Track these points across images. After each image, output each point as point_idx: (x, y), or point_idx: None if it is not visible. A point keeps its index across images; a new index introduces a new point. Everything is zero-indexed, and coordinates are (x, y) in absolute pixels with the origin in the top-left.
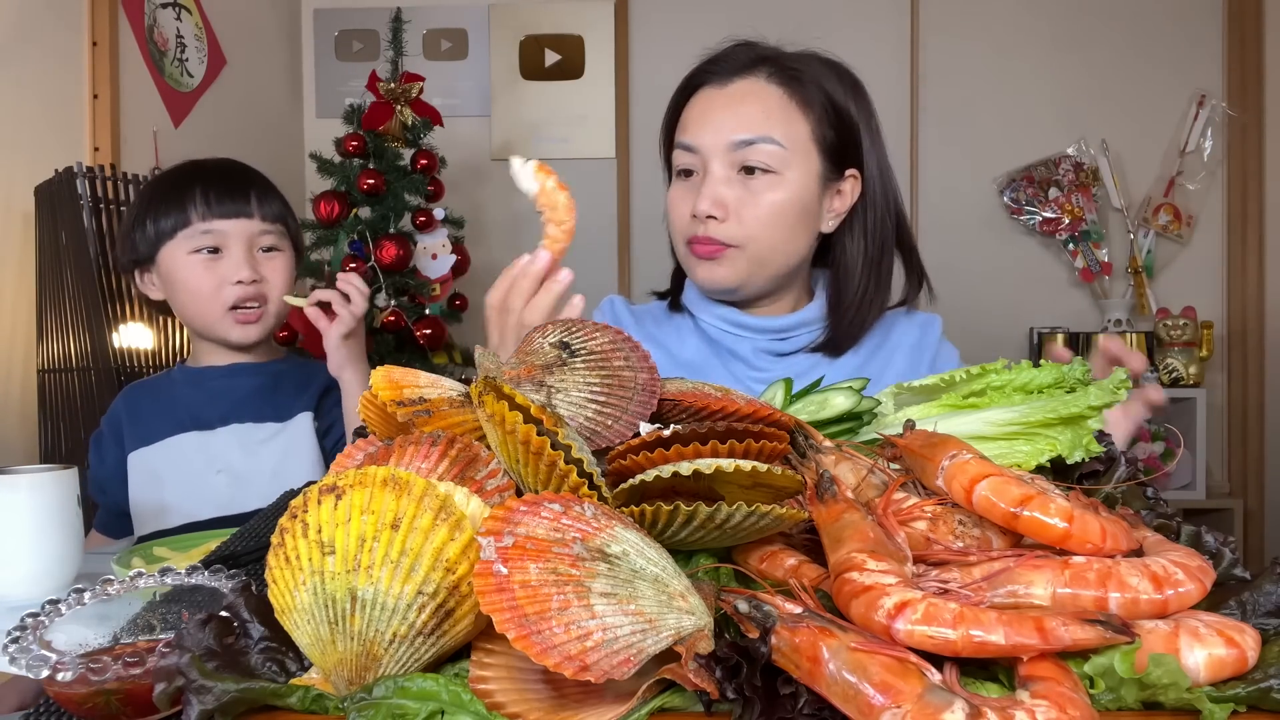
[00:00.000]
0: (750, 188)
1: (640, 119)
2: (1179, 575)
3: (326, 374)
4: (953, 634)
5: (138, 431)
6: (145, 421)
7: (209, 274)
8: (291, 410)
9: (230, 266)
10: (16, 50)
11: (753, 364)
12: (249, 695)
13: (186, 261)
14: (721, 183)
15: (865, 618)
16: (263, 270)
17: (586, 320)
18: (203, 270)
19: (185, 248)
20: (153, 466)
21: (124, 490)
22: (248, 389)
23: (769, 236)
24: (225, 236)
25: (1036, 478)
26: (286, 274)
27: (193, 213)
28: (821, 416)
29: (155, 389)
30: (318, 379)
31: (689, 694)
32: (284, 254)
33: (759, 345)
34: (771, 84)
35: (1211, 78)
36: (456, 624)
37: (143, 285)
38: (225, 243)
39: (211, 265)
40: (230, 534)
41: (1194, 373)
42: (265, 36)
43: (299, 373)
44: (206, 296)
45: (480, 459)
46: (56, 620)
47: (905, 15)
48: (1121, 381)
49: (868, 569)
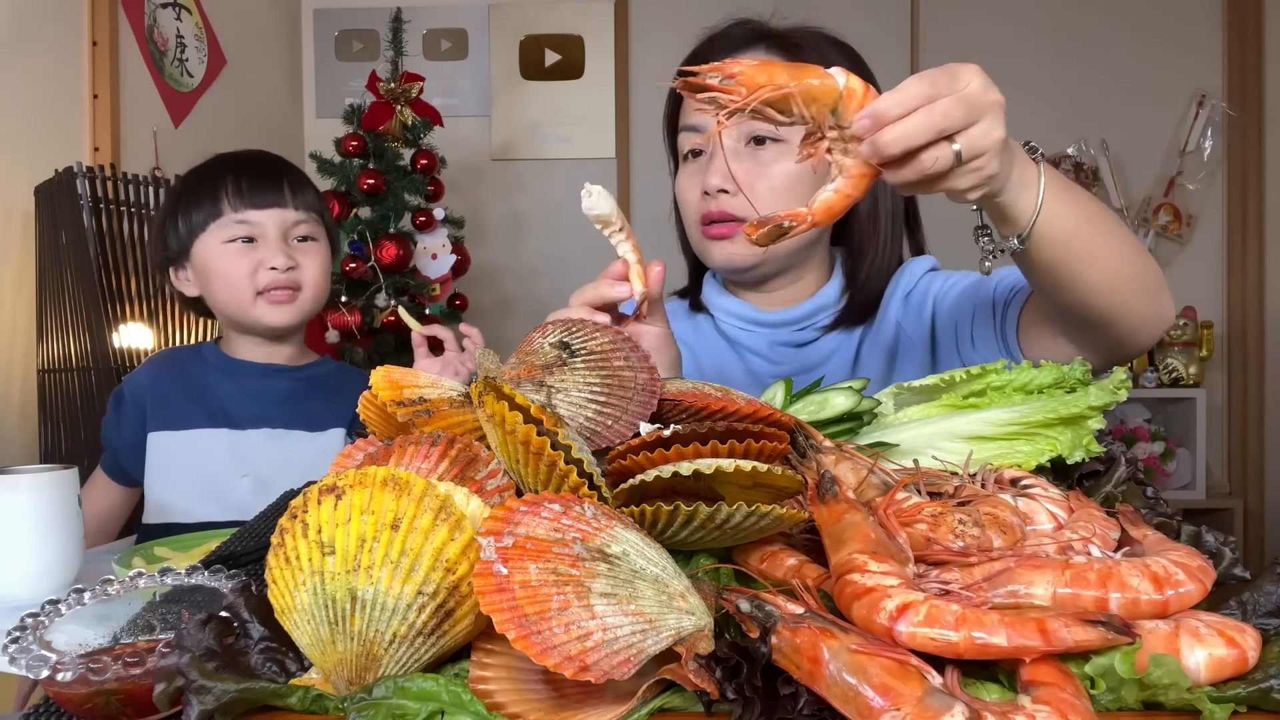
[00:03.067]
0: (760, 159)
1: (640, 119)
2: (1179, 575)
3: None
4: (955, 636)
5: (163, 412)
6: (172, 403)
7: (244, 260)
8: (325, 421)
9: (265, 254)
10: (16, 50)
11: (770, 358)
12: (249, 695)
13: (221, 250)
14: (730, 156)
15: (867, 619)
16: (298, 258)
17: (586, 321)
18: (237, 257)
19: (219, 237)
20: (175, 455)
21: (134, 460)
22: (281, 392)
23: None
24: (260, 226)
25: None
26: (322, 263)
27: (225, 204)
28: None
29: (185, 366)
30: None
31: (689, 694)
32: (319, 243)
33: (777, 339)
34: (772, 54)
35: (1211, 78)
36: (456, 624)
37: (177, 282)
38: (260, 232)
39: (246, 252)
40: (230, 534)
41: (1194, 373)
42: (265, 36)
43: (333, 379)
44: (241, 281)
45: (480, 459)
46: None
47: (905, 15)
48: (1121, 382)
49: (869, 570)
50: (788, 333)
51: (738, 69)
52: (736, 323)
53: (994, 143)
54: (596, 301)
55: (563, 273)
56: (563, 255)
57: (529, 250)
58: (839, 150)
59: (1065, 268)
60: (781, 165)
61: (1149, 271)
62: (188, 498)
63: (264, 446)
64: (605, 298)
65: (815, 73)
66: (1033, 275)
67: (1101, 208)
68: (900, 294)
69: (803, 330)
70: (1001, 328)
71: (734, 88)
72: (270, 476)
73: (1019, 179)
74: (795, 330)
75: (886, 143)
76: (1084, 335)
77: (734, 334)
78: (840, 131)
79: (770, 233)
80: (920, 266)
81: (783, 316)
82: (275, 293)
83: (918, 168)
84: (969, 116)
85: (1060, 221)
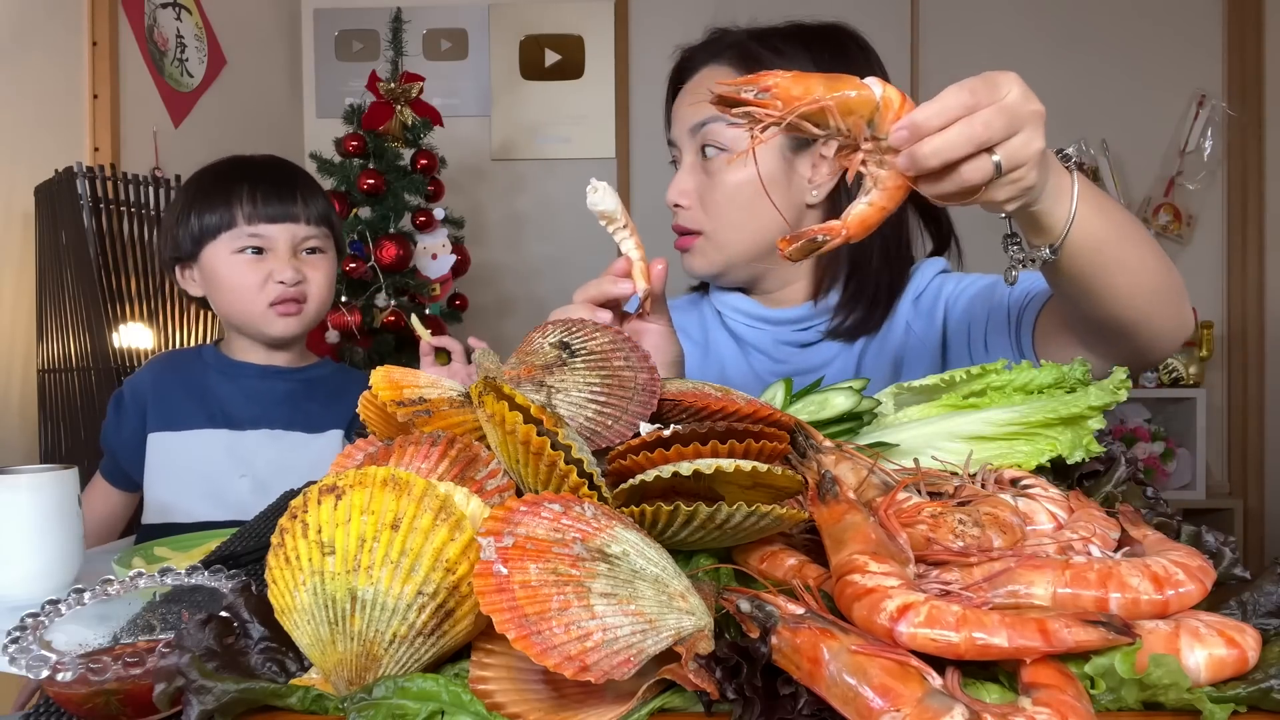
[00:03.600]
0: (709, 170)
1: (640, 119)
2: (1179, 575)
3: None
4: (956, 636)
5: (163, 412)
6: (172, 403)
7: (253, 272)
8: (323, 423)
9: (275, 266)
10: (16, 50)
11: (774, 356)
12: (249, 695)
13: (230, 260)
14: (687, 170)
15: (868, 620)
16: (305, 271)
17: (586, 320)
18: (246, 268)
19: (230, 247)
20: (175, 455)
21: (134, 461)
22: (281, 393)
23: (729, 218)
24: (271, 240)
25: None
26: (328, 274)
27: (239, 214)
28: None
29: (186, 367)
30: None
31: (689, 694)
32: (327, 254)
33: (780, 337)
34: (729, 68)
35: (1211, 78)
36: (456, 624)
37: (183, 281)
38: (270, 245)
39: (256, 264)
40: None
41: (1194, 373)
42: (265, 36)
43: (333, 381)
44: (250, 292)
45: (480, 459)
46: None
47: (905, 15)
48: (1122, 382)
49: (870, 571)
50: (789, 331)
51: (773, 81)
52: (742, 319)
53: (1034, 154)
54: (599, 298)
55: (563, 273)
56: (563, 255)
57: (529, 250)
58: (873, 162)
59: (1094, 278)
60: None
61: (1173, 281)
62: (186, 498)
63: (263, 447)
64: (608, 294)
65: (851, 83)
66: (1059, 283)
67: (1129, 216)
68: (910, 296)
69: (805, 330)
70: (1017, 333)
71: (769, 101)
72: (268, 477)
73: (1054, 188)
74: (797, 329)
75: (925, 155)
76: (1105, 343)
77: (740, 330)
78: (875, 143)
79: (804, 247)
80: (931, 269)
81: (787, 315)
82: (281, 305)
83: (956, 180)
84: (1010, 127)
85: (1091, 231)
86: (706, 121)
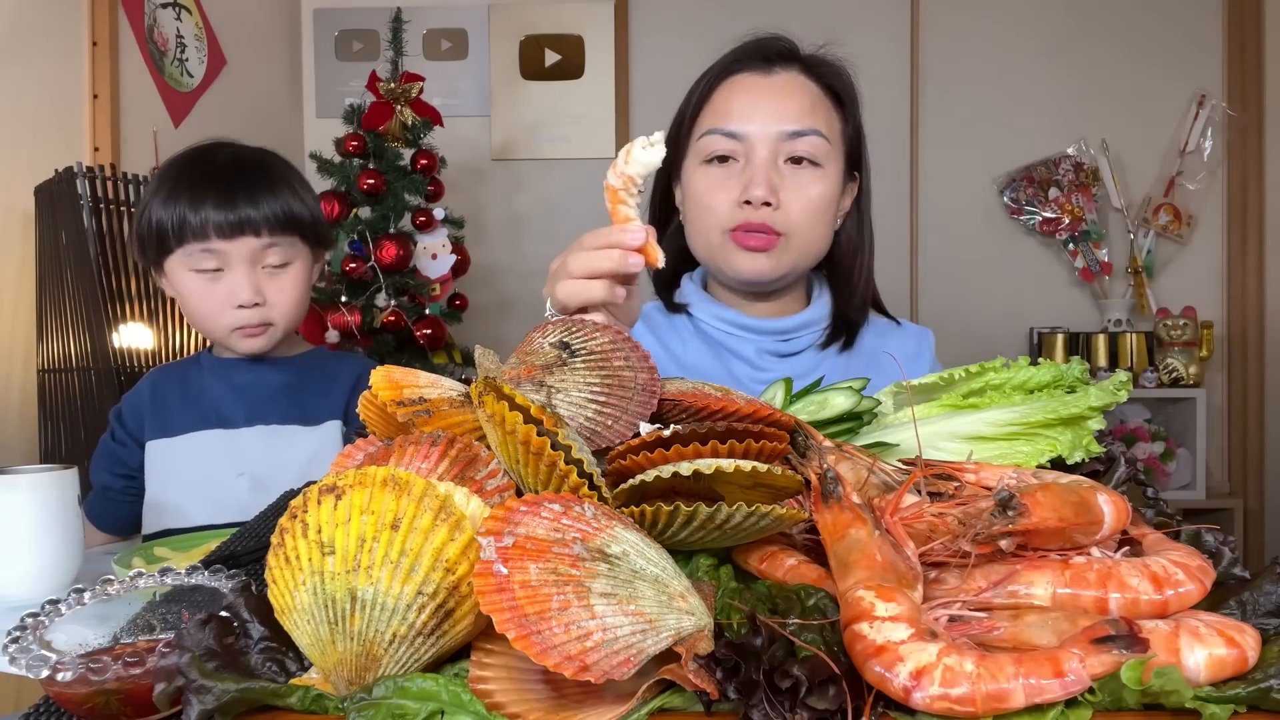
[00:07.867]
0: (797, 179)
1: (640, 119)
2: (1179, 575)
3: (352, 369)
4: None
5: (160, 420)
6: (169, 411)
7: (209, 296)
8: (319, 414)
9: (232, 287)
10: (16, 50)
11: (756, 364)
12: (249, 695)
13: (187, 279)
14: (773, 170)
15: (881, 681)
16: (267, 291)
17: (586, 320)
18: (203, 292)
19: (186, 265)
20: (172, 461)
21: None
22: (273, 386)
23: (810, 228)
24: (226, 257)
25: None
26: (296, 287)
27: (193, 225)
28: (821, 416)
29: (184, 376)
30: (344, 375)
31: (689, 694)
32: (292, 266)
33: (763, 346)
34: (810, 79)
35: (1211, 78)
36: (456, 624)
37: (160, 283)
38: (227, 262)
39: (212, 287)
40: (230, 534)
41: (1194, 373)
42: (265, 36)
43: (325, 367)
44: (212, 312)
45: (480, 459)
46: (56, 620)
47: (905, 15)
48: (1122, 383)
49: (877, 617)
50: (773, 341)
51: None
52: (724, 326)
53: None
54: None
55: None
56: None
57: (529, 250)
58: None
59: None
60: (815, 188)
61: None
62: (185, 503)
63: (259, 444)
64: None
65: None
66: None
67: None
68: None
69: (789, 340)
70: None
71: None
72: (266, 475)
73: None
74: (782, 340)
75: None
76: None
77: (719, 337)
78: None
79: None
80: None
81: (773, 325)
82: (247, 328)
83: None
84: None
85: None
86: (805, 132)
